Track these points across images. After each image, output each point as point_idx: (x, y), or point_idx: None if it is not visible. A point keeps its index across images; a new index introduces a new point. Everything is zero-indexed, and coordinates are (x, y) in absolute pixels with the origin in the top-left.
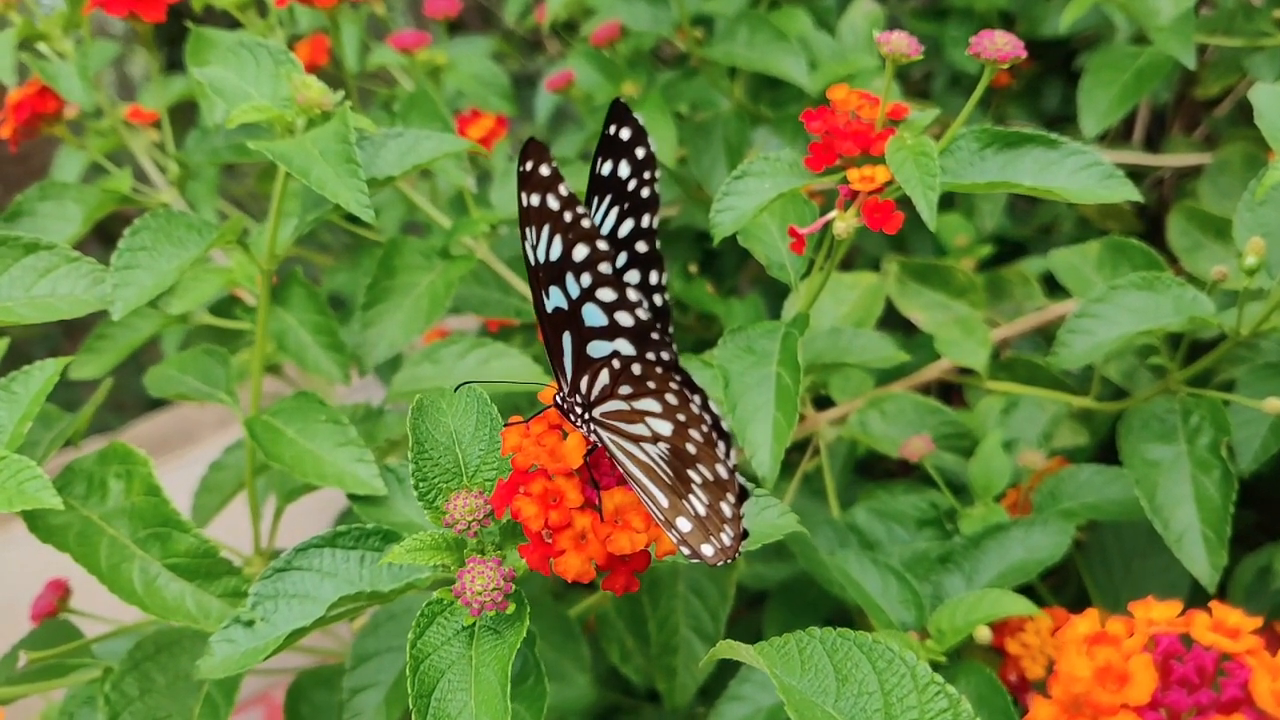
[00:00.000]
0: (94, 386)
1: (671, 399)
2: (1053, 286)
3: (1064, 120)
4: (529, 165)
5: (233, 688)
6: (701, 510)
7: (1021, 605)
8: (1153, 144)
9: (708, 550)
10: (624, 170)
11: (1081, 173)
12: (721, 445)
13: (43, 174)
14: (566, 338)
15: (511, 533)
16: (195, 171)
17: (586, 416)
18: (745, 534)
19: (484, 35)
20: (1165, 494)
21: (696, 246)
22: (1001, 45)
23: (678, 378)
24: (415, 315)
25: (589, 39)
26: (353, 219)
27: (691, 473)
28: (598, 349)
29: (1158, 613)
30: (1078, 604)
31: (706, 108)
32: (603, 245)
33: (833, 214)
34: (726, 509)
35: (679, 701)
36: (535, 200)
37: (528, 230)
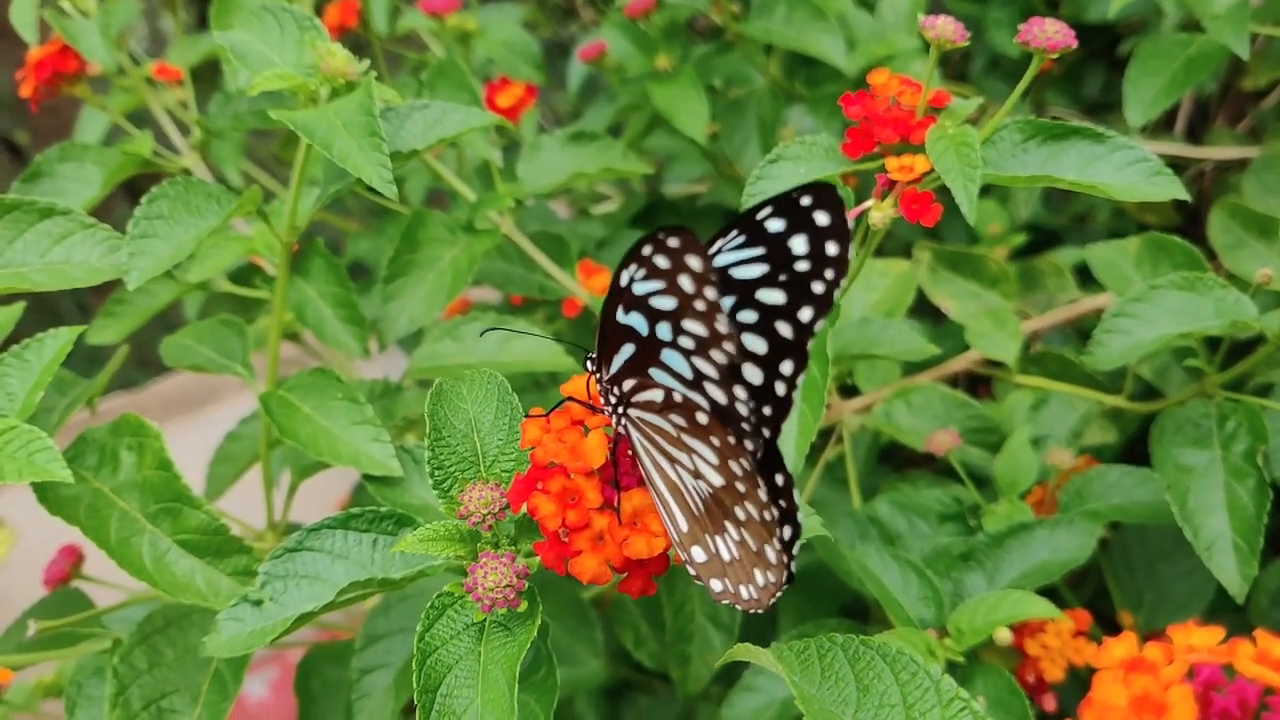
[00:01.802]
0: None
1: (716, 442)
2: (1086, 278)
3: (1105, 108)
4: (678, 243)
5: (242, 665)
6: (726, 555)
7: (1044, 608)
8: (1195, 135)
9: (716, 586)
10: (798, 245)
11: (1128, 169)
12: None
13: (74, 127)
14: (628, 347)
15: (527, 527)
16: (219, 134)
17: (621, 411)
18: (791, 578)
19: (516, 2)
20: (1197, 500)
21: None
22: (1052, 34)
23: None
24: (438, 290)
25: (623, 9)
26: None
27: (736, 509)
28: (662, 377)
29: (1199, 639)
30: (1096, 601)
31: (741, 84)
32: (730, 348)
33: (869, 203)
34: (771, 554)
35: (691, 689)
36: (664, 264)
37: (635, 269)
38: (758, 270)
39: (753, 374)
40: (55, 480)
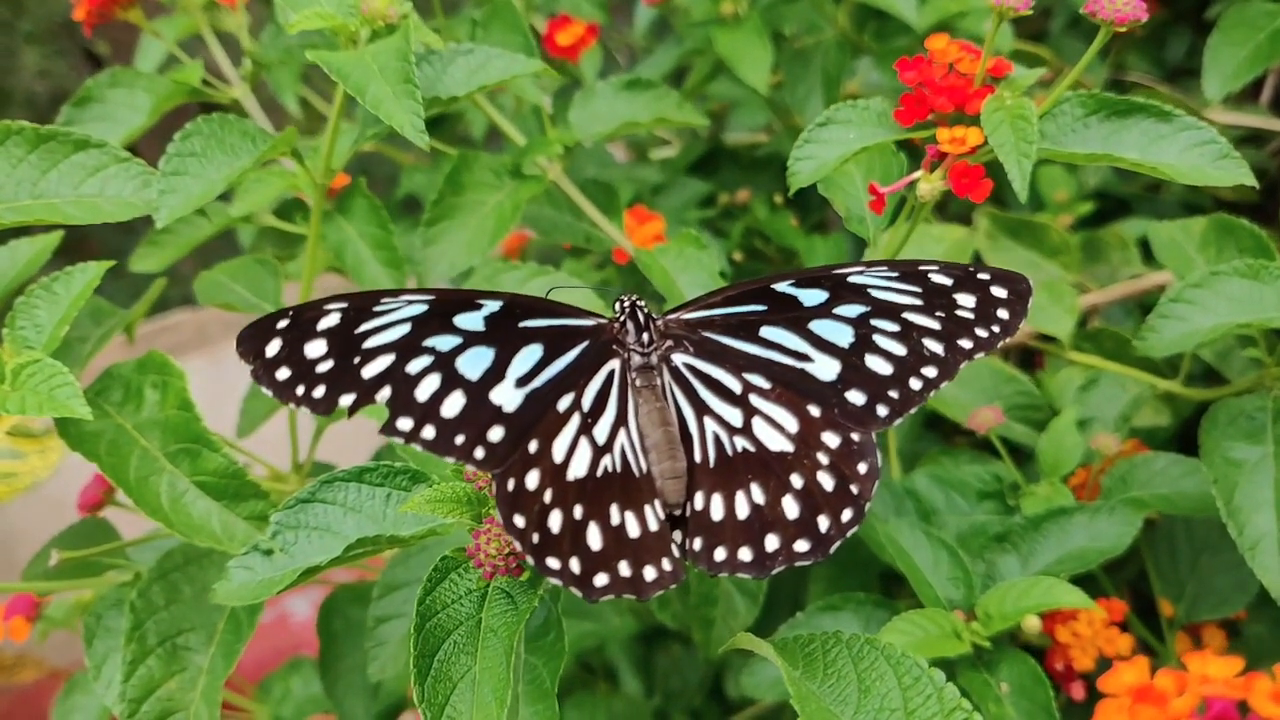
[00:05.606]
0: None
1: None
2: (1151, 252)
3: (1188, 73)
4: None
5: (257, 607)
6: (719, 514)
7: (1076, 597)
8: None
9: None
10: (964, 300)
11: (1193, 150)
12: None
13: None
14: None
15: None
16: (269, 66)
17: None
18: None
19: None
20: (1244, 496)
21: (784, 176)
22: (1121, 5)
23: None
24: (480, 235)
25: None
26: (432, 122)
27: (791, 476)
28: (781, 336)
29: (1215, 669)
30: (1136, 584)
31: (808, 33)
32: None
33: (917, 174)
34: (823, 524)
35: (714, 653)
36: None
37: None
38: (905, 299)
39: (881, 365)
40: (74, 416)
